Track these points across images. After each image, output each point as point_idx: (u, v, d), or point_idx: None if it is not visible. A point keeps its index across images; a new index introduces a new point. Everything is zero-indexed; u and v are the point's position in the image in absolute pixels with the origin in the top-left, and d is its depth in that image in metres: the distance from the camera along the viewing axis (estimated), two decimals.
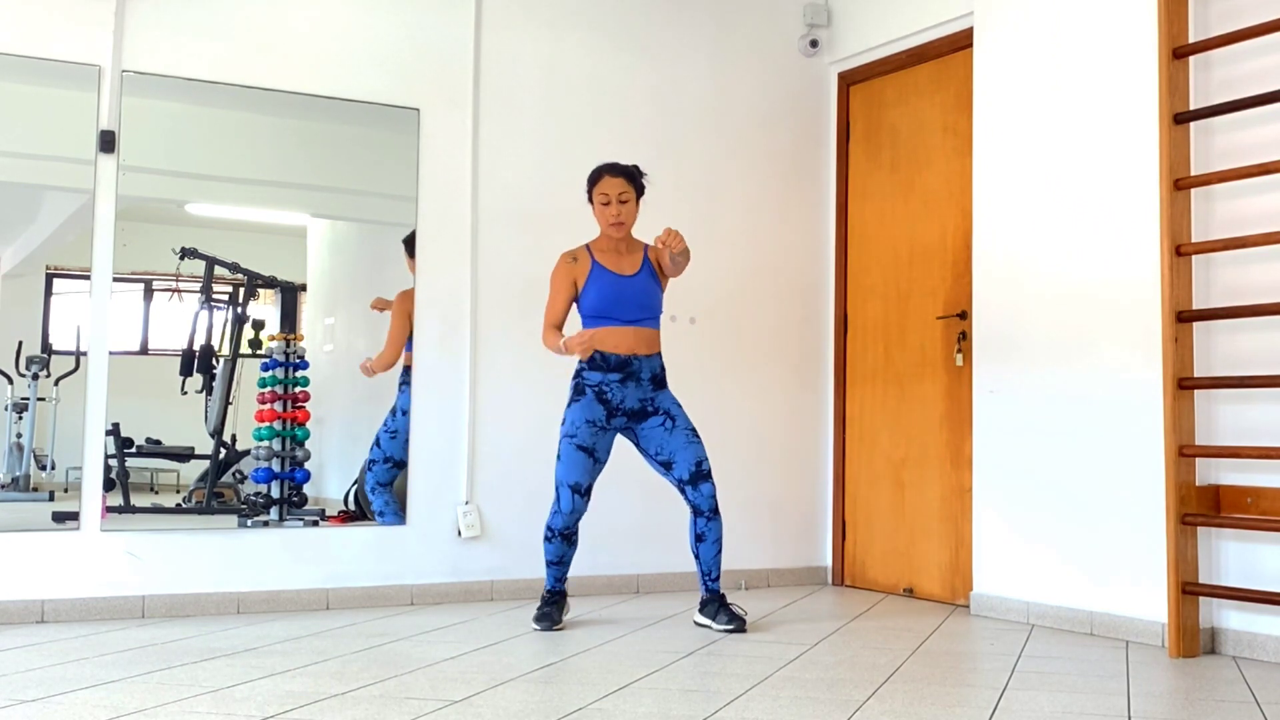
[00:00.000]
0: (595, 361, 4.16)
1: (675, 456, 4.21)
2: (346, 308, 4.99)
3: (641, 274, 4.25)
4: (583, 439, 4.14)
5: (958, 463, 4.99)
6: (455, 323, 4.96)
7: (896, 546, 5.30)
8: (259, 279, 4.77)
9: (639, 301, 4.21)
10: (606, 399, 4.16)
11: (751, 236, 5.57)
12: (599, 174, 4.24)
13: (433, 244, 4.91)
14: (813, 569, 5.63)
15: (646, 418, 4.21)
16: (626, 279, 4.23)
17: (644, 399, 4.20)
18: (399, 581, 4.74)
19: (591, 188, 4.23)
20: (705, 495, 4.21)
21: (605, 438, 4.19)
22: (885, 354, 5.42)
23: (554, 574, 4.25)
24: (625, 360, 4.18)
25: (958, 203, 5.06)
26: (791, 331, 5.65)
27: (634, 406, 4.19)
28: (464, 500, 4.89)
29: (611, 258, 4.27)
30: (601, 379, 4.16)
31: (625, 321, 4.19)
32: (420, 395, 4.86)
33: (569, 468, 4.14)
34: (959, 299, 5.04)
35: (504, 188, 5.08)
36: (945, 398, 5.08)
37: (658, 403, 4.23)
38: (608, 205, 4.20)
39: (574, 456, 4.14)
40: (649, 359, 4.22)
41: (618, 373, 4.16)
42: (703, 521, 4.23)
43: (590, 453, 4.15)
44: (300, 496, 4.73)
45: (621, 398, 4.17)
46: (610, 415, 4.18)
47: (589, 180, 4.26)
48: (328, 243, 4.98)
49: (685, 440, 4.23)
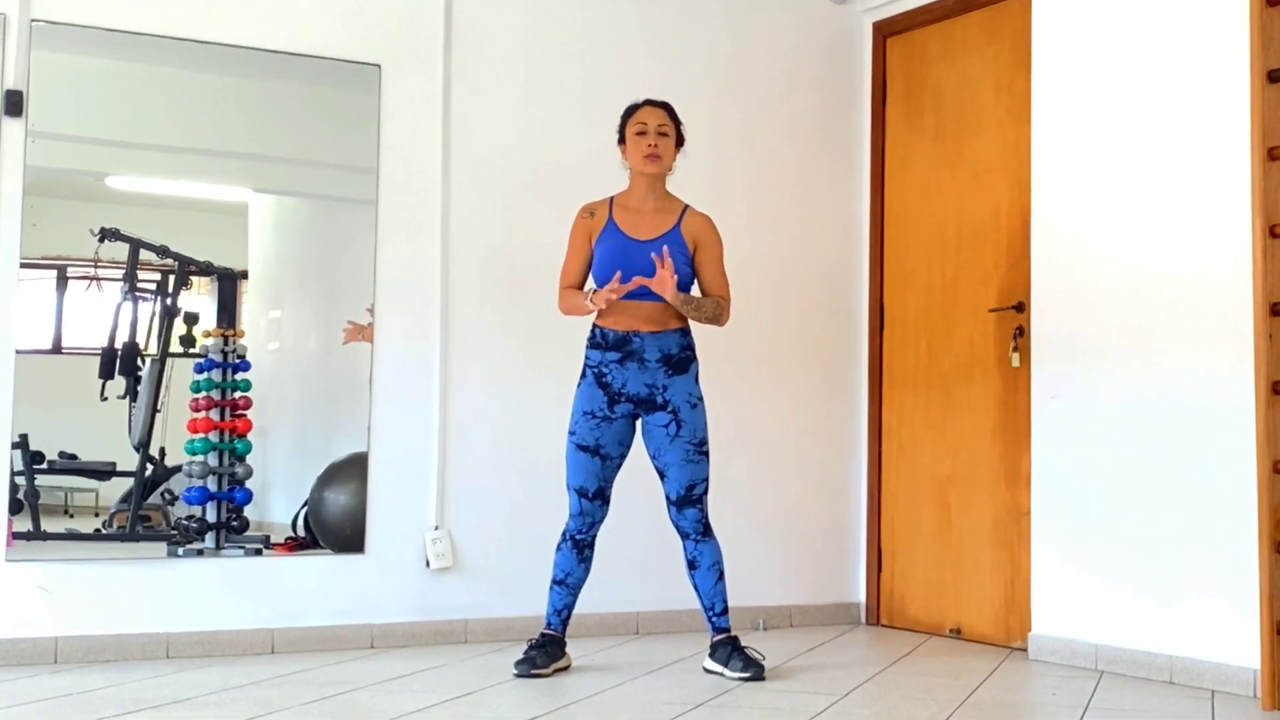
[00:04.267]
0: (595, 338, 4.27)
1: (669, 470, 4.28)
2: (295, 299, 5.04)
3: (664, 242, 4.27)
4: (582, 436, 4.23)
5: (1013, 480, 5.02)
6: (423, 316, 4.97)
7: (942, 579, 5.33)
8: (192, 265, 4.77)
9: (649, 270, 4.22)
10: (606, 382, 4.23)
11: (770, 216, 5.59)
12: (636, 106, 4.38)
13: (396, 224, 4.93)
14: (843, 605, 5.67)
15: (655, 409, 4.26)
16: (637, 244, 4.27)
17: (652, 385, 4.24)
18: (357, 620, 4.76)
19: (626, 119, 4.37)
20: (689, 519, 4.28)
21: (611, 430, 4.25)
22: (928, 353, 5.47)
23: (554, 601, 4.29)
24: (623, 338, 4.23)
25: (1013, 175, 5.09)
26: (817, 326, 5.68)
27: (640, 393, 4.24)
28: (433, 525, 4.91)
29: (631, 217, 4.32)
30: (600, 359, 4.25)
31: (628, 293, 4.22)
32: (381, 402, 4.88)
33: (572, 469, 4.27)
34: (1015, 288, 5.07)
35: (480, 156, 5.08)
36: (999, 404, 5.12)
37: (670, 395, 4.26)
38: (644, 135, 4.29)
39: (575, 458, 4.26)
40: (656, 337, 4.25)
41: (616, 351, 4.23)
42: (691, 545, 4.29)
43: (593, 451, 4.23)
44: (241, 520, 4.75)
45: (623, 381, 4.22)
46: (613, 401, 4.24)
47: (623, 115, 4.39)
48: (273, 222, 5.01)
49: (684, 456, 4.26)
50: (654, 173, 4.34)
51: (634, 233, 4.29)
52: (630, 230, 4.29)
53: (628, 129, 4.36)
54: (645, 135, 4.30)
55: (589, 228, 4.34)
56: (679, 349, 4.28)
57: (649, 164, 4.31)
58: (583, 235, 4.35)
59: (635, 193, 4.37)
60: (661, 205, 4.37)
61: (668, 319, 4.29)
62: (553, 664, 4.26)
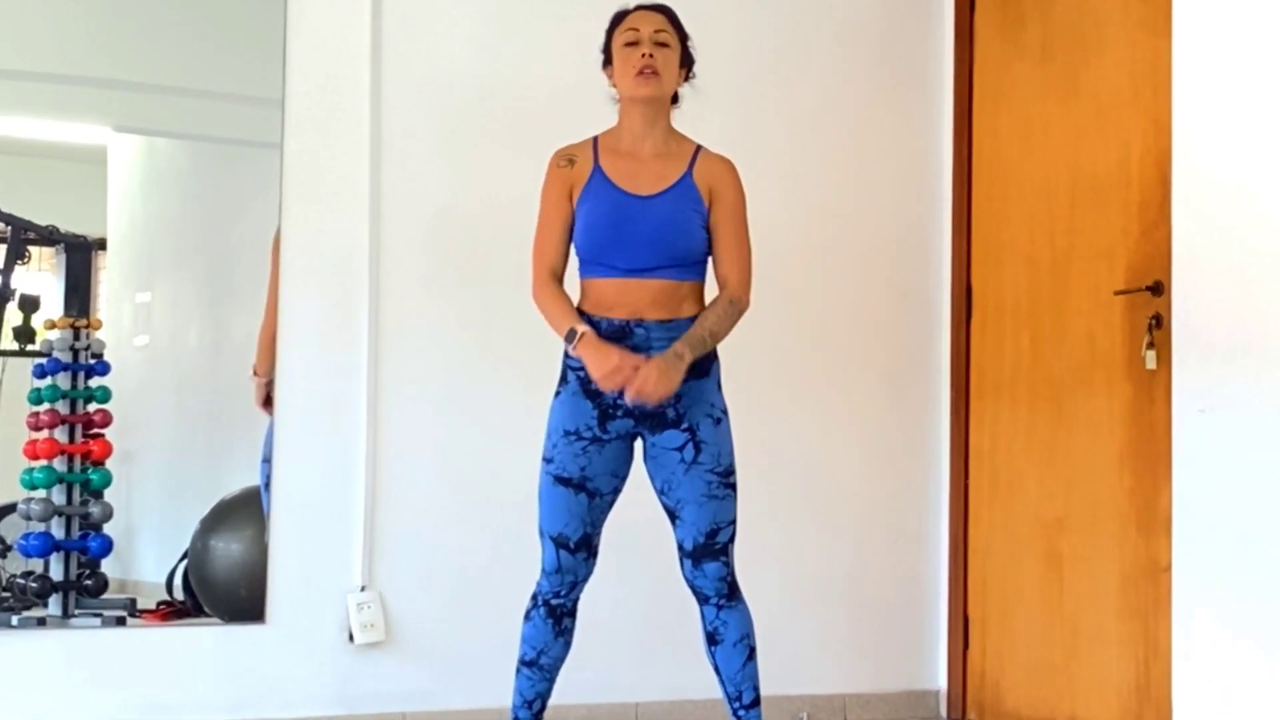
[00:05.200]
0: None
1: (683, 510, 3.84)
2: (171, 278, 4.98)
3: (669, 195, 3.86)
4: (562, 464, 3.83)
5: (1148, 525, 4.68)
6: (345, 302, 4.71)
7: (1051, 659, 5.03)
8: (30, 231, 4.68)
9: (653, 237, 3.80)
10: (596, 390, 3.83)
11: (816, 169, 5.27)
12: (624, 11, 4.00)
13: (308, 176, 4.67)
14: (917, 694, 5.35)
15: (664, 427, 3.84)
16: (637, 200, 3.84)
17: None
18: (255, 715, 4.48)
19: (613, 29, 3.98)
20: (710, 577, 3.88)
21: (601, 456, 3.83)
22: (1033, 351, 5.16)
23: (522, 690, 3.92)
24: (621, 329, 3.80)
25: (1148, 110, 4.73)
26: (880, 315, 5.37)
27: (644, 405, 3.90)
28: (358, 586, 4.63)
29: (624, 163, 3.90)
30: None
31: (625, 270, 3.80)
32: (287, 425, 4.63)
33: (546, 511, 3.90)
34: (1151, 264, 4.71)
35: (421, 85, 4.84)
36: (1129, 420, 4.78)
37: (685, 407, 3.84)
38: (635, 45, 3.89)
39: (551, 495, 3.87)
40: (666, 327, 3.83)
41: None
42: (712, 612, 3.89)
43: (577, 485, 3.83)
44: (97, 579, 4.63)
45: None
46: (605, 417, 3.81)
47: (609, 24, 4.01)
48: (141, 174, 4.99)
49: (704, 490, 3.81)
50: (650, 95, 3.82)
51: (629, 185, 3.82)
52: (624, 181, 3.83)
53: (614, 41, 3.91)
54: (637, 46, 3.84)
55: (568, 180, 3.89)
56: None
57: (643, 84, 3.80)
58: (560, 191, 3.90)
59: (628, 130, 3.89)
60: (664, 146, 3.89)
61: (679, 302, 3.86)
62: None
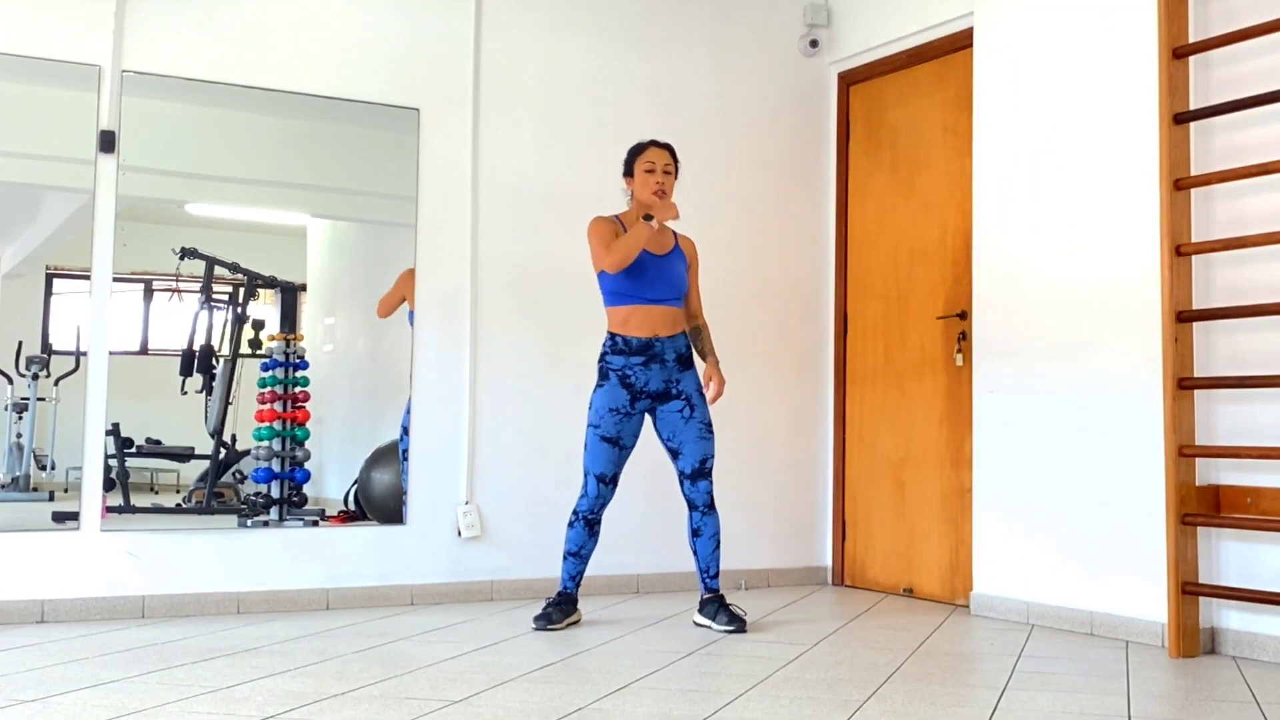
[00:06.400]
0: (618, 345, 4.15)
1: (684, 448, 4.21)
2: (346, 308, 4.97)
3: (672, 255, 4.25)
4: (607, 429, 4.12)
5: (958, 463, 4.97)
6: (455, 322, 4.92)
7: (896, 547, 5.26)
8: (259, 279, 4.76)
9: (667, 280, 4.19)
10: (630, 383, 4.14)
11: (752, 235, 5.55)
12: (643, 145, 4.26)
13: (432, 244, 4.88)
14: (813, 569, 5.60)
15: (669, 400, 4.20)
16: (656, 257, 4.21)
17: (668, 380, 4.19)
18: (399, 581, 4.71)
19: (635, 157, 4.24)
20: (701, 491, 4.22)
21: (630, 424, 4.17)
22: (885, 354, 5.39)
23: (568, 569, 4.21)
24: (647, 343, 4.16)
25: (958, 203, 5.03)
26: (792, 331, 5.62)
27: (658, 388, 4.18)
28: (464, 500, 4.86)
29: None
30: (624, 363, 4.14)
31: (650, 300, 4.17)
32: (419, 394, 4.81)
33: (594, 458, 4.14)
34: (959, 299, 5.01)
35: (504, 187, 5.05)
36: (945, 398, 5.06)
37: (682, 385, 4.22)
38: (652, 173, 4.19)
39: (599, 447, 4.12)
40: (672, 340, 4.20)
41: (640, 356, 4.14)
42: (698, 516, 4.23)
43: (615, 442, 4.13)
44: (300, 496, 4.72)
45: (645, 380, 4.15)
46: (634, 399, 4.15)
47: (631, 152, 4.27)
48: (328, 242, 4.96)
49: (698, 434, 4.22)
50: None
51: (651, 247, 4.22)
52: (649, 245, 4.22)
53: (637, 165, 4.24)
54: (654, 173, 4.21)
55: (615, 229, 4.20)
56: (685, 348, 4.27)
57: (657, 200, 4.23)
58: (611, 230, 4.19)
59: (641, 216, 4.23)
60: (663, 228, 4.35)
61: (678, 323, 4.25)
62: (566, 619, 4.22)
